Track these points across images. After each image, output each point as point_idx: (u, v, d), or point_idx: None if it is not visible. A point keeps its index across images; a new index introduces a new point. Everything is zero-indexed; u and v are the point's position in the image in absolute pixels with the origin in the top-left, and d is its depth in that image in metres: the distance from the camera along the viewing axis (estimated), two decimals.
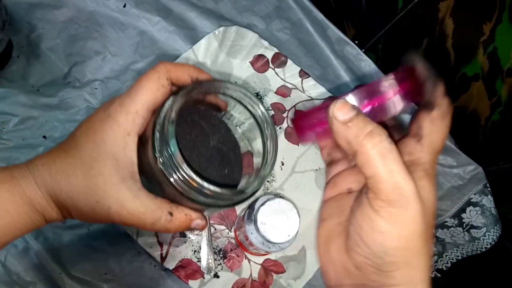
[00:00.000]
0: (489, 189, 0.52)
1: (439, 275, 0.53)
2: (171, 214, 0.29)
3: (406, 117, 0.32)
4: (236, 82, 0.57)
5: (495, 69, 0.44)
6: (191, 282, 0.48)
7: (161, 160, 0.27)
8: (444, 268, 0.53)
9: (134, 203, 0.28)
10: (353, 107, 0.25)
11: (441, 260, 0.53)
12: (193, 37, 0.56)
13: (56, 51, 0.52)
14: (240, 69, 0.57)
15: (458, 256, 0.53)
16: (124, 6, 0.55)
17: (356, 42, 0.56)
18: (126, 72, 0.54)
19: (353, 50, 0.55)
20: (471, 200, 0.53)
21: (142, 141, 0.29)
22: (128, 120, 0.28)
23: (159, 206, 0.29)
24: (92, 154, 0.28)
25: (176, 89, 0.31)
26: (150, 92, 0.29)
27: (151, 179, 0.29)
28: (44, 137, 0.50)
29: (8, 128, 0.49)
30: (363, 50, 0.56)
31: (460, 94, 0.50)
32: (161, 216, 0.29)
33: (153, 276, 0.49)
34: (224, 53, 0.57)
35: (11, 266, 0.45)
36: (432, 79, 0.27)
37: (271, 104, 0.57)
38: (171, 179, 0.27)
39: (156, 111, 0.29)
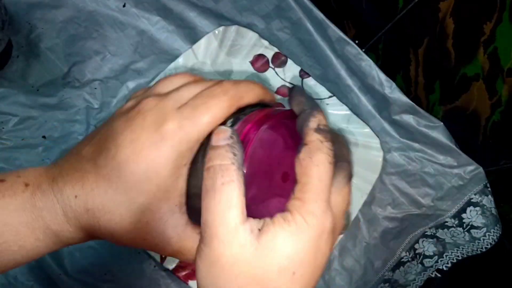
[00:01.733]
0: (489, 189, 0.52)
1: (439, 275, 0.53)
2: None
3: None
4: None
5: (496, 69, 0.44)
6: (190, 283, 0.48)
7: None
8: (444, 268, 0.53)
9: (181, 241, 0.26)
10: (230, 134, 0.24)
11: (441, 260, 0.53)
12: (193, 36, 0.56)
13: (56, 51, 0.52)
14: (240, 68, 0.57)
15: (458, 256, 0.53)
16: (124, 5, 0.55)
17: (357, 42, 0.56)
18: (126, 72, 0.54)
19: (353, 50, 0.55)
20: (472, 200, 0.52)
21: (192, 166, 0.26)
22: (188, 149, 0.25)
23: None
24: (141, 187, 0.24)
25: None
26: (217, 117, 0.25)
27: (195, 205, 0.26)
28: (44, 137, 0.50)
29: (7, 128, 0.49)
30: (363, 50, 0.55)
31: (461, 94, 0.50)
32: None
33: (152, 276, 0.49)
34: (224, 52, 0.57)
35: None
36: (306, 112, 0.25)
37: None
38: None
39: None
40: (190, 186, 0.26)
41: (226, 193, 0.22)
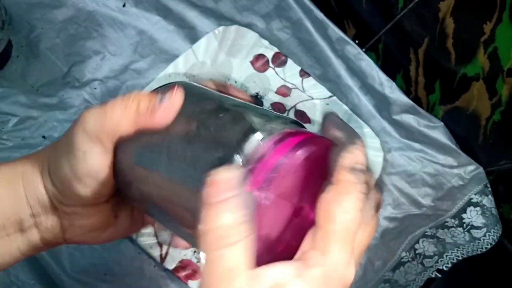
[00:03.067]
0: (489, 189, 0.52)
1: (439, 275, 0.53)
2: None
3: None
4: (236, 82, 0.57)
5: (496, 69, 0.44)
6: (190, 283, 0.48)
7: None
8: (445, 268, 0.53)
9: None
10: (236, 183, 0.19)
11: (441, 260, 0.53)
12: (193, 36, 0.56)
13: (56, 51, 0.52)
14: (240, 68, 0.57)
15: (458, 256, 0.53)
16: (124, 5, 0.55)
17: (357, 41, 0.56)
18: (126, 72, 0.54)
19: (353, 49, 0.55)
20: (472, 200, 0.52)
21: None
22: None
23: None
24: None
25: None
26: None
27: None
28: (44, 137, 0.50)
29: (7, 128, 0.49)
30: (363, 50, 0.55)
31: (461, 94, 0.50)
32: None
33: (152, 276, 0.49)
34: (224, 52, 0.57)
35: (16, 265, 0.45)
36: (343, 145, 0.21)
37: (271, 104, 0.57)
38: None
39: None
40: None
41: (233, 258, 0.19)
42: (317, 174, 0.22)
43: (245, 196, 0.19)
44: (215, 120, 0.22)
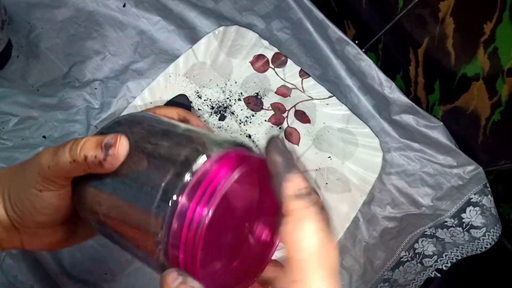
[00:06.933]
0: (489, 189, 0.52)
1: (439, 275, 0.53)
2: None
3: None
4: (236, 82, 0.57)
5: (496, 69, 0.44)
6: None
7: None
8: (444, 268, 0.53)
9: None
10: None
11: (441, 260, 0.53)
12: (193, 36, 0.56)
13: (56, 51, 0.52)
14: (240, 69, 0.57)
15: (458, 256, 0.53)
16: (124, 5, 0.55)
17: (356, 42, 0.56)
18: (126, 72, 0.54)
19: (353, 50, 0.55)
20: (471, 200, 0.53)
21: None
22: None
23: None
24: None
25: None
26: None
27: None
28: (44, 137, 0.50)
29: (7, 128, 0.49)
30: (363, 50, 0.56)
31: (461, 94, 0.50)
32: None
33: (152, 276, 0.49)
34: (224, 53, 0.57)
35: (8, 267, 0.45)
36: (281, 175, 0.21)
37: (271, 104, 0.57)
38: None
39: None
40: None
41: None
42: (258, 191, 0.22)
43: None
44: (161, 146, 0.24)
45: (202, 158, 0.22)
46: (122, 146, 0.24)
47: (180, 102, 0.55)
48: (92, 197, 0.25)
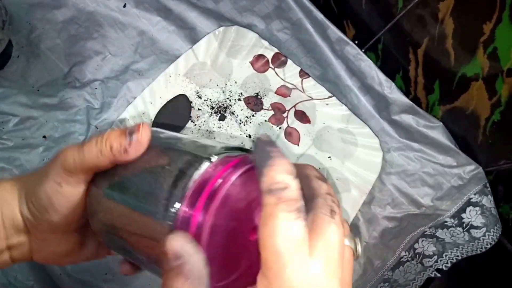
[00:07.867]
0: (489, 189, 0.52)
1: (439, 275, 0.53)
2: None
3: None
4: (236, 82, 0.57)
5: (495, 69, 0.44)
6: None
7: None
8: (444, 268, 0.53)
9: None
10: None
11: (441, 260, 0.53)
12: (193, 37, 0.56)
13: (56, 51, 0.52)
14: (240, 69, 0.57)
15: (458, 256, 0.53)
16: (124, 6, 0.55)
17: (356, 42, 0.56)
18: (126, 72, 0.54)
19: (353, 50, 0.55)
20: (471, 200, 0.53)
21: None
22: None
23: None
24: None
25: None
26: None
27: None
28: (44, 137, 0.50)
29: (8, 128, 0.49)
30: (363, 50, 0.56)
31: (460, 94, 0.50)
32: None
33: (152, 276, 0.49)
34: (224, 53, 0.57)
35: (8, 268, 0.45)
36: (258, 171, 0.21)
37: (271, 104, 0.57)
38: None
39: None
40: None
41: None
42: (257, 196, 0.22)
43: (195, 256, 0.20)
44: (165, 156, 0.26)
45: (204, 165, 0.22)
46: (145, 131, 0.25)
47: (180, 102, 0.55)
48: (103, 201, 0.26)
